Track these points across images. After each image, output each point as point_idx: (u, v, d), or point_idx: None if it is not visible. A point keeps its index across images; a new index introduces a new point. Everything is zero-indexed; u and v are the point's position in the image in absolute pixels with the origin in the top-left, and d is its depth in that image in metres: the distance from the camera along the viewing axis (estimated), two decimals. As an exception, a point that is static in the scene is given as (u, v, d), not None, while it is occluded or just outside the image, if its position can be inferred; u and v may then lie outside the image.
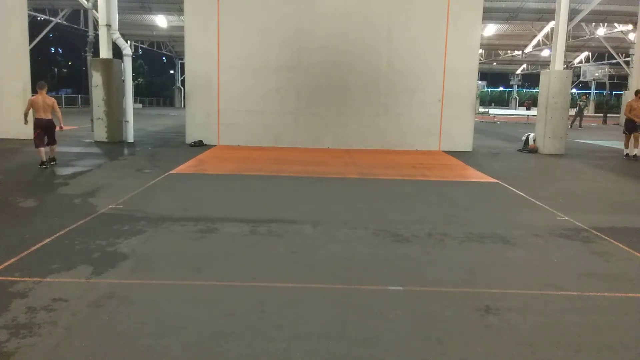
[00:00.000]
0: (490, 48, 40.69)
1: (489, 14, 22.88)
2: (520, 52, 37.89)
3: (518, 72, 53.65)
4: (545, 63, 35.27)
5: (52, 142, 9.46)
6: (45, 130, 9.24)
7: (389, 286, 3.87)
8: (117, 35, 13.66)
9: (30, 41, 15.67)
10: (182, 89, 44.09)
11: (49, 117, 9.31)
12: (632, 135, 12.54)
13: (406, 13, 13.29)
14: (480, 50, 32.51)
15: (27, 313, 3.22)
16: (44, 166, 9.12)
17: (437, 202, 7.23)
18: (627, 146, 12.88)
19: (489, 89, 59.70)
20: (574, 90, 48.42)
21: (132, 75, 21.13)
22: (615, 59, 33.41)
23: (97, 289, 3.65)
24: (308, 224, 5.60)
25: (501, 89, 61.26)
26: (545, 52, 34.64)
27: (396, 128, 13.63)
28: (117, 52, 13.94)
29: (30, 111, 9.29)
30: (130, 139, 14.00)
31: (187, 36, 13.44)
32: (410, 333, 3.13)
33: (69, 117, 24.81)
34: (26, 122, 9.49)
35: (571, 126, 23.80)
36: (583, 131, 23.27)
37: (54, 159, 9.61)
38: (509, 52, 41.93)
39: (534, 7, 23.58)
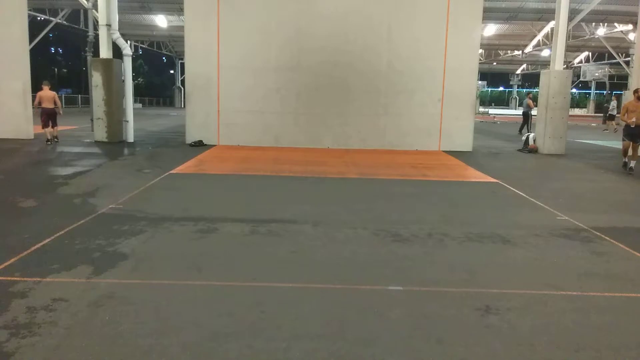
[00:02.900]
0: (490, 48, 40.67)
1: (489, 14, 22.86)
2: (520, 52, 37.88)
3: (518, 72, 53.68)
4: (545, 63, 35.26)
5: (54, 125, 12.79)
6: (48, 116, 12.66)
7: (389, 286, 3.87)
8: (117, 35, 13.66)
9: (30, 41, 15.67)
10: (182, 89, 44.10)
11: (52, 106, 12.77)
12: (632, 145, 10.26)
13: (406, 13, 13.30)
14: (480, 50, 32.50)
15: (27, 313, 3.22)
16: (48, 142, 12.57)
17: (437, 202, 7.23)
18: (625, 154, 10.68)
19: (489, 89, 59.72)
20: (573, 90, 48.44)
21: (132, 75, 21.13)
22: (615, 59, 33.41)
23: (97, 289, 3.65)
24: (308, 224, 5.60)
25: (501, 89, 61.28)
26: (545, 52, 34.63)
27: (396, 128, 13.63)
28: (117, 52, 13.95)
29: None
30: (130, 139, 14.01)
31: (187, 36, 13.44)
32: (410, 333, 3.13)
33: (69, 117, 24.83)
34: (34, 108, 13.13)
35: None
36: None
37: (56, 137, 12.96)
38: (509, 52, 41.91)
39: (534, 7, 23.57)
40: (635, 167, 10.23)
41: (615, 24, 28.12)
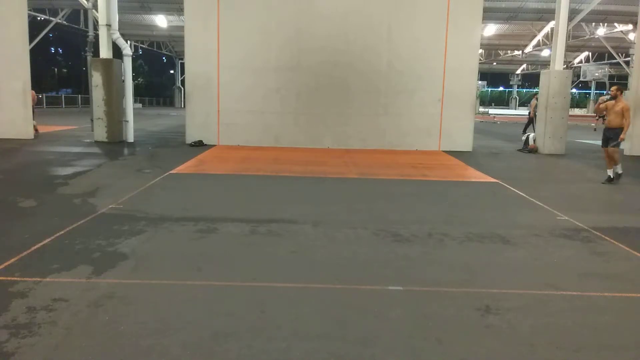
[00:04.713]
0: (490, 48, 40.67)
1: (489, 14, 22.87)
2: (520, 52, 37.89)
3: (518, 72, 53.66)
4: (545, 63, 35.26)
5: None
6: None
7: (389, 286, 3.87)
8: (117, 35, 13.66)
9: (30, 41, 15.66)
10: (182, 89, 44.09)
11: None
12: (607, 150, 9.03)
13: (406, 13, 13.30)
14: (480, 50, 32.50)
15: (27, 313, 3.22)
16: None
17: (437, 202, 7.23)
18: (610, 165, 9.12)
19: (489, 89, 59.71)
20: (573, 90, 48.45)
21: (132, 75, 21.13)
22: (615, 59, 33.42)
23: (97, 289, 3.65)
24: (308, 224, 5.60)
25: (501, 89, 61.27)
26: (545, 52, 34.64)
27: (396, 128, 13.63)
28: (117, 52, 13.94)
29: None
30: (130, 139, 14.00)
31: (187, 36, 13.44)
32: (410, 333, 3.13)
33: (69, 117, 24.86)
34: None
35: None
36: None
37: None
38: (509, 52, 41.92)
39: (534, 7, 23.58)
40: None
41: (615, 24, 28.12)
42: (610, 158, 9.07)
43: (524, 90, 58.73)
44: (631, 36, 28.30)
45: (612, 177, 9.11)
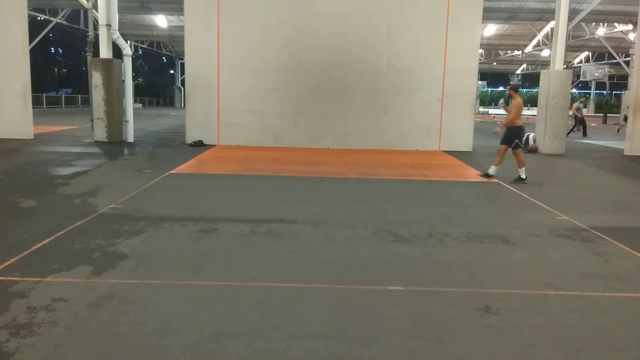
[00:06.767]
0: (490, 48, 40.64)
1: (489, 14, 22.83)
2: (520, 52, 37.86)
3: (518, 72, 53.65)
4: (545, 63, 35.24)
5: None
6: None
7: (389, 286, 3.87)
8: (117, 35, 13.66)
9: (30, 41, 15.65)
10: (182, 89, 44.09)
11: None
12: (513, 151, 8.79)
13: (406, 13, 13.30)
14: (480, 50, 32.50)
15: (27, 313, 3.22)
16: None
17: (437, 202, 7.23)
18: (498, 162, 8.97)
19: (489, 89, 59.71)
20: (573, 90, 48.43)
21: (132, 75, 21.12)
22: (615, 59, 33.39)
23: (97, 289, 3.65)
24: (308, 224, 5.60)
25: (501, 89, 61.26)
26: (545, 52, 34.59)
27: (396, 128, 13.63)
28: (117, 52, 13.94)
29: None
30: (130, 139, 14.00)
31: (187, 36, 13.44)
32: (410, 333, 3.13)
33: (68, 117, 24.86)
34: None
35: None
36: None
37: None
38: (509, 52, 41.88)
39: (534, 7, 23.54)
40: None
41: (615, 24, 28.10)
42: (517, 156, 8.86)
43: (524, 90, 58.70)
44: (631, 36, 28.28)
45: (522, 176, 8.72)
